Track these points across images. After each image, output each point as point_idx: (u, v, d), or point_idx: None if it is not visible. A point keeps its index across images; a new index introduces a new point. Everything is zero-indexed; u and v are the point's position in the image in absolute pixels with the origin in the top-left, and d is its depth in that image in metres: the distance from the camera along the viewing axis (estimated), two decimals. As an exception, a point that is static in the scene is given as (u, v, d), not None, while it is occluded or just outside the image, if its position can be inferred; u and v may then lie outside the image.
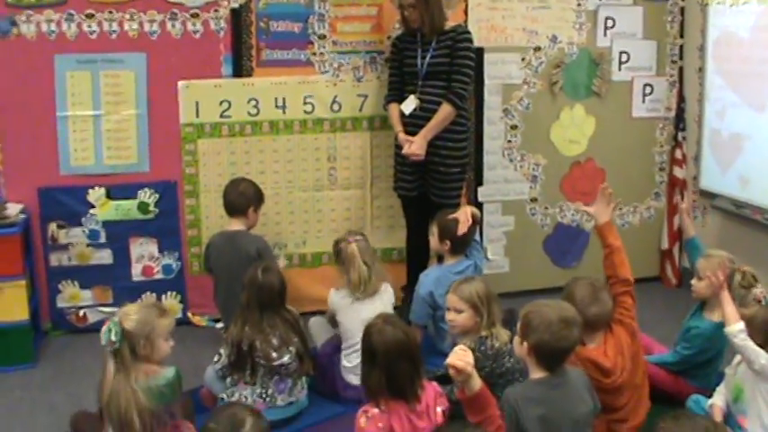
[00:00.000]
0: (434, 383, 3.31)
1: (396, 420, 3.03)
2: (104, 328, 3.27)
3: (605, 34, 5.47)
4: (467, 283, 3.86)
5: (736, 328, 3.43)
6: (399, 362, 3.10)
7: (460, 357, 2.95)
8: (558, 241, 5.60)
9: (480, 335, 3.72)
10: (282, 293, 4.07)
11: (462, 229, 4.52)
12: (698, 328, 3.94)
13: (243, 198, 4.69)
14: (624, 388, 3.63)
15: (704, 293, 3.90)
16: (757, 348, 3.38)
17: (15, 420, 4.00)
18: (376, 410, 3.08)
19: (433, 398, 3.20)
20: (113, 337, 3.26)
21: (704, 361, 3.96)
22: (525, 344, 3.09)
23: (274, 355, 3.90)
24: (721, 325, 3.59)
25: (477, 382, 2.96)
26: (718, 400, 3.64)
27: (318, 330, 4.50)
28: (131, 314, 3.34)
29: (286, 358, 3.91)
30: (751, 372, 3.42)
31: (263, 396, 3.89)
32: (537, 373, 3.12)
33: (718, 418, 3.51)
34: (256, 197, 4.75)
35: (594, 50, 5.46)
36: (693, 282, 3.99)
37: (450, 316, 3.78)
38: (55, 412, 4.02)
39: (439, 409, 3.19)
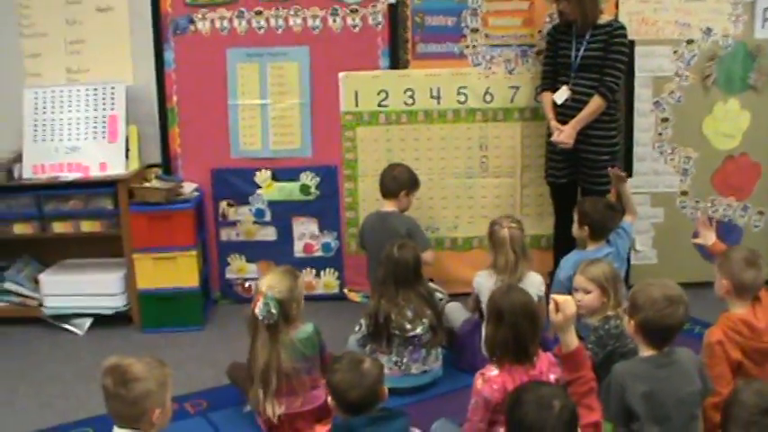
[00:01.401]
0: (549, 354, 3.42)
1: (510, 383, 3.15)
2: (260, 305, 3.63)
3: (763, 26, 5.35)
4: (594, 265, 4.01)
5: None
6: (524, 321, 3.27)
7: (564, 300, 3.08)
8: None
9: (606, 314, 3.85)
10: (417, 269, 4.30)
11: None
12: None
13: (395, 182, 4.92)
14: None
15: None
16: None
17: (183, 372, 4.40)
18: (493, 372, 3.24)
19: (546, 366, 3.32)
20: (273, 310, 3.62)
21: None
22: (632, 322, 3.18)
23: (408, 326, 4.15)
24: None
25: (573, 340, 3.05)
26: None
27: (455, 314, 4.65)
28: (277, 285, 3.71)
29: (419, 329, 4.15)
30: None
31: (399, 364, 4.15)
32: (645, 351, 3.18)
33: None
34: (409, 182, 4.95)
35: (751, 43, 5.36)
36: None
37: (577, 296, 3.88)
38: (217, 366, 4.38)
39: (552, 377, 3.30)
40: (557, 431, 2.51)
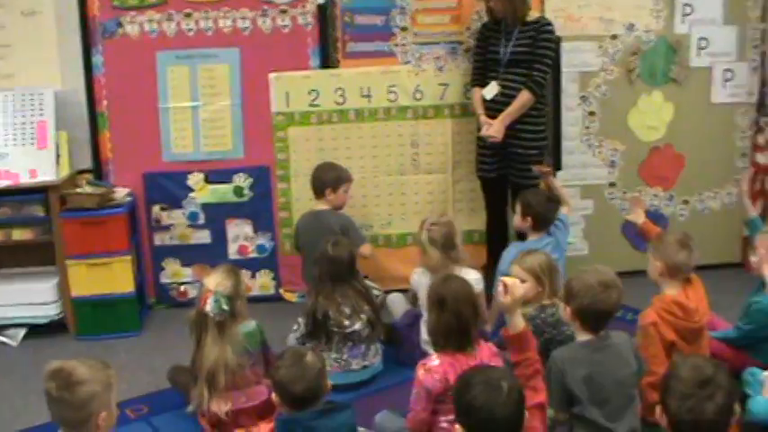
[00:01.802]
0: (491, 344, 3.51)
1: (452, 373, 3.20)
2: (210, 302, 3.66)
3: (683, 21, 5.49)
4: (530, 255, 4.14)
5: None
6: (465, 307, 3.34)
7: (512, 282, 3.16)
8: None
9: (542, 303, 3.97)
10: (352, 265, 4.38)
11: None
12: (758, 302, 3.97)
13: (319, 181, 4.98)
14: (704, 336, 3.75)
15: (758, 268, 3.98)
16: None
17: (122, 379, 4.27)
18: (434, 362, 3.29)
19: (488, 355, 3.37)
20: (225, 306, 3.67)
21: (765, 336, 3.97)
22: (569, 309, 3.31)
23: (346, 322, 4.22)
24: None
25: (520, 322, 3.14)
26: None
27: (397, 306, 4.80)
28: (223, 282, 3.75)
29: (357, 325, 4.23)
30: None
31: (339, 361, 4.21)
32: (582, 336, 3.33)
33: None
34: (332, 179, 4.96)
35: (672, 37, 5.50)
36: (750, 257, 4.07)
37: None
38: (156, 371, 4.40)
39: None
40: (506, 412, 2.57)
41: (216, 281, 3.74)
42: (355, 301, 4.27)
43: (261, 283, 5.50)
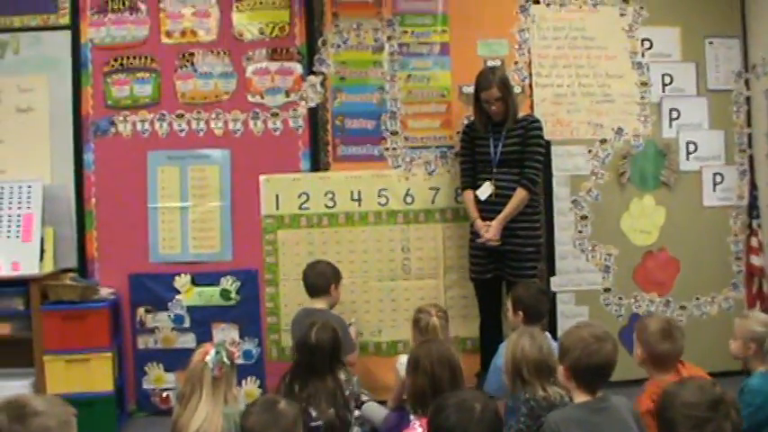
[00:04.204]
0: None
1: None
2: (211, 354, 3.46)
3: (671, 125, 5.60)
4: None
5: None
6: (442, 370, 3.22)
7: None
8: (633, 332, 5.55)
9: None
10: (335, 355, 4.12)
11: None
12: (747, 384, 3.84)
13: (323, 277, 4.85)
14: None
15: (737, 353, 3.90)
16: None
17: None
18: (416, 430, 3.12)
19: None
20: (226, 360, 3.48)
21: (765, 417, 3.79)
22: (562, 368, 3.16)
23: (313, 413, 3.92)
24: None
25: None
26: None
27: (373, 414, 4.45)
28: (223, 342, 3.58)
29: (320, 422, 3.92)
30: None
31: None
32: (579, 398, 3.14)
33: None
34: (335, 274, 4.90)
35: (660, 141, 5.58)
36: (730, 342, 3.96)
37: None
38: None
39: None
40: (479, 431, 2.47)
41: (216, 341, 3.62)
42: (326, 398, 3.98)
43: (247, 391, 5.25)
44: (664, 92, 5.62)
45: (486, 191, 5.04)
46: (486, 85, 4.96)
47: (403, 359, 4.30)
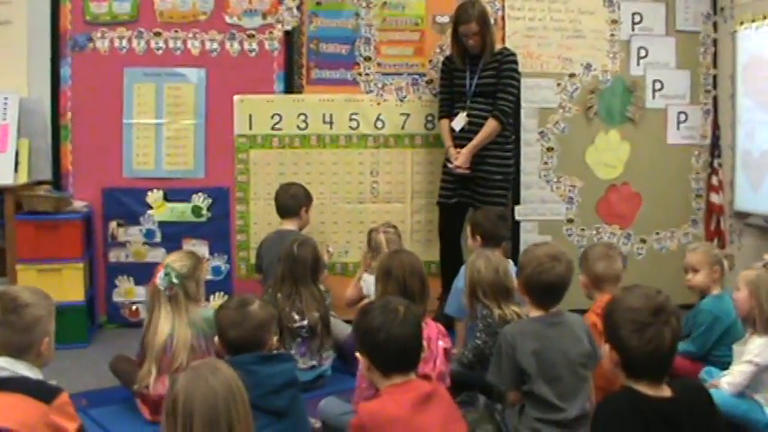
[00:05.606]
0: (439, 324, 3.49)
1: None
2: (160, 275, 3.67)
3: (638, 63, 5.71)
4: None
5: None
6: (413, 280, 3.37)
7: None
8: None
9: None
10: (315, 267, 4.32)
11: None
12: (700, 306, 4.07)
13: (295, 200, 4.99)
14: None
15: (702, 284, 4.08)
16: None
17: (62, 380, 4.14)
18: None
19: (435, 333, 3.36)
20: (174, 280, 3.66)
21: (719, 339, 3.96)
22: (520, 282, 3.32)
23: (296, 317, 4.15)
24: (720, 296, 3.81)
25: None
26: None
27: (340, 328, 4.62)
28: (179, 260, 3.78)
29: (305, 322, 4.15)
30: None
31: (288, 358, 4.11)
32: (533, 312, 3.29)
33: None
34: (306, 198, 5.04)
35: (628, 78, 5.70)
36: (689, 277, 4.13)
37: None
38: (100, 377, 4.27)
39: (440, 343, 3.35)
40: (403, 332, 2.61)
41: (173, 257, 3.79)
42: (309, 302, 4.21)
43: (214, 306, 5.36)
44: (633, 30, 5.72)
45: (459, 122, 5.16)
46: (465, 18, 5.05)
47: (369, 277, 4.49)
